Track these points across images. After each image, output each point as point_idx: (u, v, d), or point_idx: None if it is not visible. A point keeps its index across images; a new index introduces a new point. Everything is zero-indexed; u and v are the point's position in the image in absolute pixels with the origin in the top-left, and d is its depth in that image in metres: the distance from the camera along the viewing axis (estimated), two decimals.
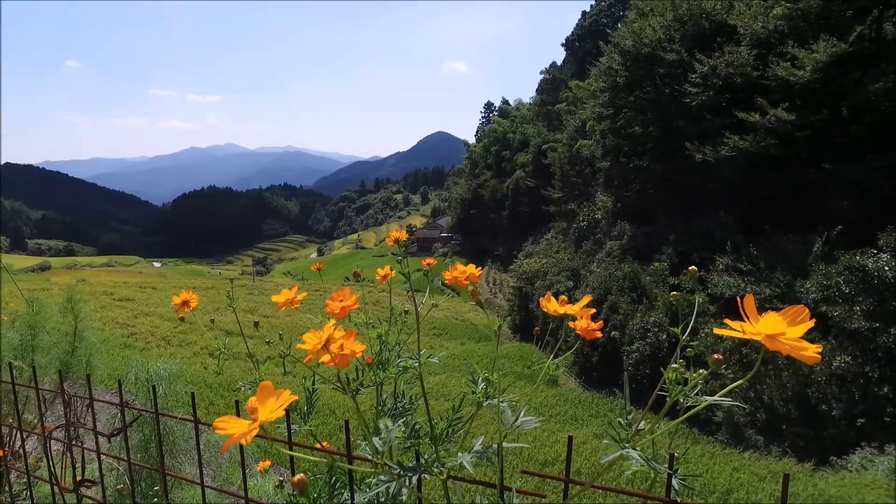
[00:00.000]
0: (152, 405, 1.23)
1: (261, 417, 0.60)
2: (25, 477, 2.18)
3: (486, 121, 70.22)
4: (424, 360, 0.96)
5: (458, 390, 13.10)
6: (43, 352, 2.84)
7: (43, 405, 1.28)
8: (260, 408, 0.61)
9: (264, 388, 0.63)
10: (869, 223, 13.41)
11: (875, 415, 10.64)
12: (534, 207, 40.57)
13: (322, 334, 0.76)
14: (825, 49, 14.33)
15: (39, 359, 2.77)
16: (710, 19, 19.55)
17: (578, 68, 46.71)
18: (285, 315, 26.44)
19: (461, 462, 0.76)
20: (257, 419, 0.61)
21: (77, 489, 1.20)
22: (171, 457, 2.84)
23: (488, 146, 53.89)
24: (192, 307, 1.20)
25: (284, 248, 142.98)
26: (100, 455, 1.13)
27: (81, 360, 3.05)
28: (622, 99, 22.29)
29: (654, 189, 21.89)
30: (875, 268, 11.83)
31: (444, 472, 0.76)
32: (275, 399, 0.62)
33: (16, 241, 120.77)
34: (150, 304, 30.42)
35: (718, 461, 9.91)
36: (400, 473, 0.72)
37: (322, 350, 0.75)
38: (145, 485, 2.54)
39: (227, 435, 0.59)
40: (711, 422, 14.18)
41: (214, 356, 19.77)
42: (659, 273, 18.19)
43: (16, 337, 2.74)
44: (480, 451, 0.79)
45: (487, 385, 0.90)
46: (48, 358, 2.86)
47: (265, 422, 0.60)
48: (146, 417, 2.60)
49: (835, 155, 15.24)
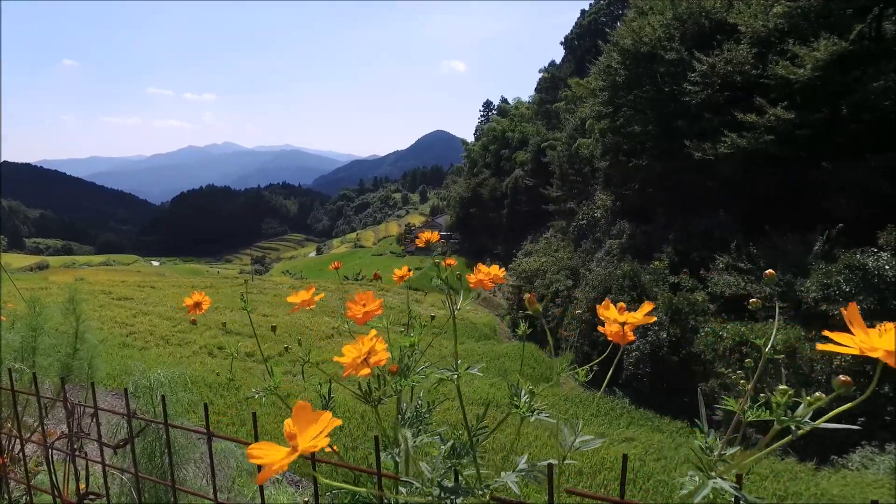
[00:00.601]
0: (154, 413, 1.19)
1: (301, 446, 0.54)
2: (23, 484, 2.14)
3: (485, 119, 70.16)
4: (462, 371, 0.91)
5: (469, 392, 13.08)
6: (44, 354, 2.79)
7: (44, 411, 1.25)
8: (299, 434, 0.55)
9: (301, 409, 0.57)
10: (869, 222, 13.41)
11: (875, 414, 10.63)
12: (533, 206, 40.54)
13: (362, 347, 0.70)
14: (826, 47, 14.32)
15: (40, 361, 2.72)
16: (709, 17, 19.52)
17: (577, 67, 46.68)
18: (284, 314, 26.38)
19: (506, 482, 0.72)
20: (297, 447, 0.54)
21: (80, 502, 1.16)
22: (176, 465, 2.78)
23: (487, 145, 53.83)
24: (205, 309, 1.16)
25: (283, 247, 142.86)
26: (105, 467, 1.09)
27: (83, 362, 3.00)
28: (621, 98, 22.26)
29: (653, 188, 21.87)
30: (875, 266, 11.84)
31: (487, 493, 0.72)
32: (315, 423, 0.56)
33: (14, 240, 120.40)
34: (148, 303, 30.33)
35: None
36: (440, 496, 0.67)
37: (362, 364, 0.69)
38: (149, 495, 2.47)
39: (261, 464, 0.53)
40: (710, 420, 14.18)
41: (213, 355, 19.71)
42: (659, 272, 18.18)
43: (16, 339, 2.69)
44: (526, 469, 0.75)
45: (532, 397, 0.86)
46: (49, 360, 2.81)
47: (307, 451, 0.54)
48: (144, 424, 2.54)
49: (834, 154, 15.24)
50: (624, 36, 21.97)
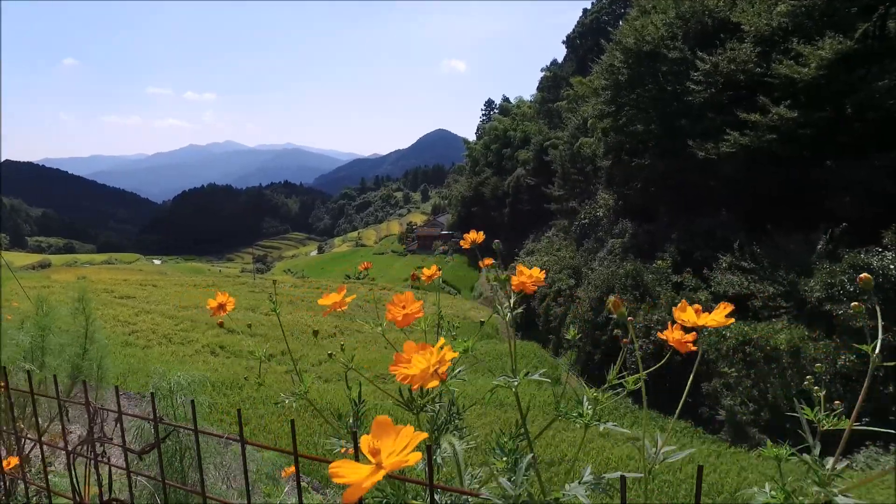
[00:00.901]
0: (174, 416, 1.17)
1: (386, 462, 0.50)
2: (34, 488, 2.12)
3: (487, 118, 70.08)
4: (522, 377, 0.89)
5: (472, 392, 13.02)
6: (53, 354, 2.77)
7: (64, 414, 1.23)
8: (383, 451, 0.51)
9: (381, 424, 0.53)
10: (873, 222, 13.36)
11: (880, 413, 10.61)
12: (535, 205, 40.48)
13: (431, 357, 0.65)
14: (831, 46, 14.26)
15: (49, 361, 2.71)
16: (712, 16, 19.45)
17: (579, 66, 46.60)
18: (286, 313, 26.40)
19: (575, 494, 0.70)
20: (381, 464, 0.51)
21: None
22: (195, 469, 2.75)
23: (489, 144, 53.77)
24: (229, 310, 1.15)
25: (285, 246, 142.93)
26: (130, 473, 1.07)
27: (92, 363, 2.99)
28: (624, 97, 22.21)
29: (655, 187, 21.83)
30: (880, 266, 11.80)
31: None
32: (397, 438, 0.52)
33: (16, 239, 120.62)
34: (150, 301, 30.34)
35: (725, 460, 9.88)
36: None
37: (432, 376, 0.64)
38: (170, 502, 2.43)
39: (345, 483, 0.50)
40: (714, 420, 14.16)
41: (216, 354, 19.73)
42: (661, 271, 18.15)
43: (26, 339, 2.68)
44: (592, 480, 0.74)
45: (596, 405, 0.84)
46: (58, 361, 2.80)
47: (393, 468, 0.50)
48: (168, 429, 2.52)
49: (838, 153, 15.18)
50: (626, 35, 21.92)
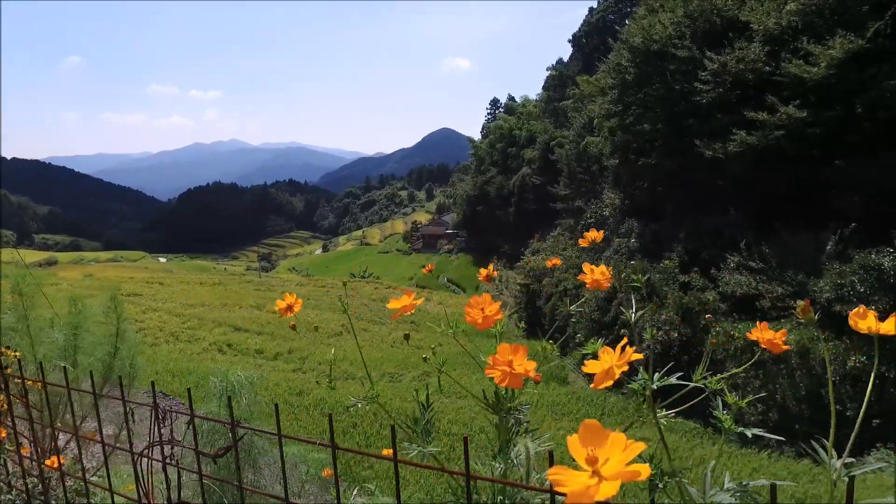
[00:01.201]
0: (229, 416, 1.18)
1: (607, 473, 0.47)
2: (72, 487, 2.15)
3: (492, 117, 70.05)
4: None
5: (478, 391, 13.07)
6: (85, 353, 2.81)
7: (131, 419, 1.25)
8: (601, 459, 0.48)
9: (590, 428, 0.50)
10: (883, 221, 13.29)
11: (890, 415, 10.57)
12: (540, 204, 40.45)
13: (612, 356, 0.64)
14: (841, 45, 14.16)
15: (82, 359, 2.75)
16: (721, 15, 19.33)
17: (585, 65, 46.48)
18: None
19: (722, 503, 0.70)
20: (601, 474, 0.47)
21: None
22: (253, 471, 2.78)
23: (494, 143, 53.72)
24: (297, 311, 1.16)
25: (289, 244, 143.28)
26: (202, 477, 1.08)
27: (125, 361, 3.02)
28: (631, 96, 22.11)
29: (662, 186, 21.75)
30: (891, 266, 11.74)
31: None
32: (610, 445, 0.48)
33: (22, 236, 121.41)
34: (157, 299, 30.51)
35: (736, 462, 9.87)
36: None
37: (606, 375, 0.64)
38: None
39: (565, 492, 0.47)
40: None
41: (223, 352, 19.83)
42: (668, 271, 18.10)
43: (59, 337, 2.72)
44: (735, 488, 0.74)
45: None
46: (90, 359, 2.83)
47: (614, 478, 0.47)
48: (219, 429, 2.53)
49: (847, 152, 15.08)
50: (634, 34, 21.82)
